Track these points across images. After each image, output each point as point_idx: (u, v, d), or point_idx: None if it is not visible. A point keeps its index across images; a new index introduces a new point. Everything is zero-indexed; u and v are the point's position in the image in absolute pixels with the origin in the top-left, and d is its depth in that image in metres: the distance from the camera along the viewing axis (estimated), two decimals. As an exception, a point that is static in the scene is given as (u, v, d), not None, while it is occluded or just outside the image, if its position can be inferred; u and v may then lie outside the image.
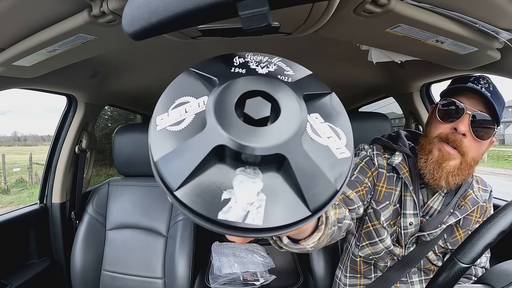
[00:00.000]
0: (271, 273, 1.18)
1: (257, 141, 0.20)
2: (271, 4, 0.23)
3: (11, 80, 0.84)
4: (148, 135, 0.22)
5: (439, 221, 0.72)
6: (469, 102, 0.66)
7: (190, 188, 0.20)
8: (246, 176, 0.20)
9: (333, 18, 0.57)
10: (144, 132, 1.26)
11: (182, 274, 1.11)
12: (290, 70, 0.26)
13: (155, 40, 0.32)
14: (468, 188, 0.74)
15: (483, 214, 0.76)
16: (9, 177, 8.87)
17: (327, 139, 0.23)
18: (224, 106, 0.21)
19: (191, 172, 0.19)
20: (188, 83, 0.24)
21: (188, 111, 0.22)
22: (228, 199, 0.19)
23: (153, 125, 0.22)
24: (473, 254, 0.41)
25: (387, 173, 0.75)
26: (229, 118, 0.21)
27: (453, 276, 0.42)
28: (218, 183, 0.20)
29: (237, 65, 0.25)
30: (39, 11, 0.57)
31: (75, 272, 1.17)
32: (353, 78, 1.03)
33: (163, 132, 0.21)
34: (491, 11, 0.55)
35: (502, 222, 0.41)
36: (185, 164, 0.19)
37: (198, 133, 0.20)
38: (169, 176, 0.20)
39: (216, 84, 0.23)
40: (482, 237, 0.41)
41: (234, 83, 0.23)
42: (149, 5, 0.24)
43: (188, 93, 0.23)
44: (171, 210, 1.22)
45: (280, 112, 0.22)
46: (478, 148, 0.67)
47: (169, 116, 0.22)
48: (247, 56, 0.26)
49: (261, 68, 0.25)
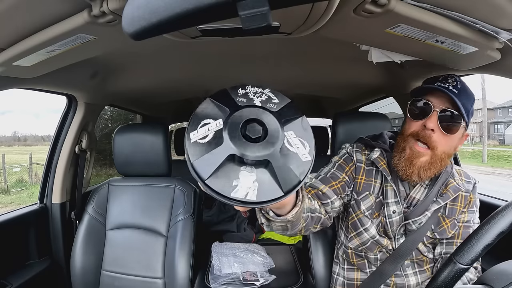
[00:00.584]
0: (271, 273, 1.18)
1: (253, 152, 0.34)
2: (271, 4, 0.23)
3: (11, 80, 0.84)
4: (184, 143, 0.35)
5: (422, 209, 0.78)
6: (437, 100, 0.72)
7: (214, 178, 0.34)
8: (246, 172, 0.35)
9: (333, 18, 0.57)
10: (144, 132, 1.26)
11: (182, 274, 1.11)
12: (276, 99, 0.40)
13: (155, 40, 0.32)
14: (448, 178, 0.79)
15: (468, 204, 0.80)
16: (9, 177, 8.86)
17: (297, 148, 0.37)
18: (233, 130, 0.35)
19: (215, 169, 0.33)
20: (209, 109, 0.37)
21: (210, 129, 0.35)
22: (236, 185, 0.34)
23: (188, 137, 0.35)
24: (472, 255, 0.41)
25: (366, 167, 0.83)
26: (237, 137, 0.34)
27: (452, 276, 0.42)
28: (230, 175, 0.34)
29: (240, 95, 0.39)
30: (39, 11, 0.57)
31: (75, 272, 1.17)
32: (353, 78, 1.03)
33: (195, 143, 0.35)
34: (491, 11, 0.55)
35: (501, 223, 0.41)
36: (211, 165, 0.33)
37: (218, 145, 0.34)
38: (202, 171, 0.33)
39: (227, 112, 0.36)
40: (481, 238, 0.41)
41: (239, 113, 0.36)
42: (149, 5, 0.24)
43: (209, 116, 0.36)
44: (171, 210, 1.22)
45: (268, 134, 0.35)
46: (448, 142, 0.73)
47: (198, 133, 0.35)
48: (247, 88, 0.40)
49: (256, 97, 0.39)
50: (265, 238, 1.94)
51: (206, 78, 1.43)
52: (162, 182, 1.27)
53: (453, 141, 0.74)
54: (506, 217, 0.41)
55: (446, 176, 0.79)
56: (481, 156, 15.05)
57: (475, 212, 0.81)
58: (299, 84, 1.59)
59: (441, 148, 0.72)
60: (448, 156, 0.75)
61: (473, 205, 0.81)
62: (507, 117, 20.86)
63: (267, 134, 0.36)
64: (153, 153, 1.24)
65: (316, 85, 1.61)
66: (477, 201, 0.82)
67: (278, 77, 1.48)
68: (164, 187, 1.26)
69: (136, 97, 1.66)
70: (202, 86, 1.59)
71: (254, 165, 0.35)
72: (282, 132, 0.36)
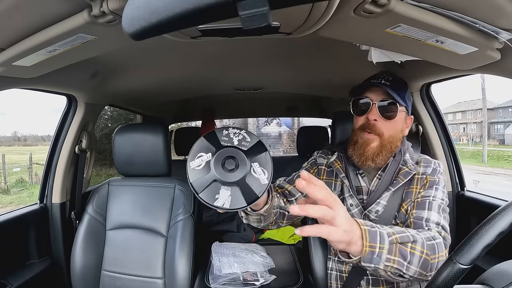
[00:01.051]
0: (271, 273, 1.18)
1: (228, 178, 0.53)
2: (271, 4, 0.23)
3: (11, 80, 0.84)
4: (186, 168, 0.55)
5: (375, 198, 0.85)
6: (374, 95, 0.84)
7: (204, 192, 0.53)
8: (224, 189, 0.53)
9: (333, 18, 0.57)
10: (144, 132, 1.26)
11: (182, 274, 1.11)
12: (249, 139, 0.57)
13: (155, 40, 0.32)
14: (399, 166, 0.86)
15: (424, 185, 0.84)
16: (9, 177, 8.85)
17: (259, 175, 0.54)
18: (217, 163, 0.54)
19: (205, 187, 0.52)
20: (202, 145, 0.56)
21: (202, 160, 0.54)
22: (217, 198, 0.53)
23: (188, 165, 0.54)
24: (472, 255, 0.41)
25: (327, 168, 0.95)
26: (219, 168, 0.53)
27: (452, 277, 0.42)
28: (214, 191, 0.53)
29: (224, 135, 0.57)
30: (39, 11, 0.57)
31: (75, 272, 1.17)
32: (353, 78, 1.03)
33: (193, 169, 0.54)
34: (491, 11, 0.55)
35: (501, 223, 0.41)
36: (203, 184, 0.52)
37: (207, 173, 0.53)
38: (197, 188, 0.53)
39: (213, 150, 0.55)
40: (481, 238, 0.41)
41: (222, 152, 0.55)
42: (149, 5, 0.24)
43: (202, 151, 0.55)
44: (171, 210, 1.22)
45: (239, 166, 0.54)
46: (392, 127, 0.84)
47: (195, 162, 0.54)
48: (229, 129, 0.58)
49: (235, 137, 0.56)
50: (265, 238, 1.94)
51: (206, 78, 1.43)
52: (162, 182, 1.27)
53: (397, 125, 0.85)
54: (506, 217, 0.41)
55: (396, 165, 0.86)
56: (481, 156, 15.06)
57: (437, 189, 0.83)
58: (299, 84, 1.60)
59: (387, 133, 0.83)
60: (396, 139, 0.85)
61: (431, 185, 0.83)
62: (507, 117, 20.85)
63: (238, 166, 0.54)
64: (153, 153, 1.24)
65: (316, 85, 1.61)
66: (439, 181, 0.84)
67: (278, 77, 1.48)
68: (164, 187, 1.26)
69: (136, 97, 1.66)
70: (202, 86, 1.59)
71: (229, 185, 0.54)
72: (249, 164, 0.54)
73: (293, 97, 1.87)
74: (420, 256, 0.65)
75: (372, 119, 0.83)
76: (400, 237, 0.64)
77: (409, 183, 0.85)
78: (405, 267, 0.63)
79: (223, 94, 1.83)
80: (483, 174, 10.93)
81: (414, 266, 0.64)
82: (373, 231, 0.61)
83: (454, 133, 22.05)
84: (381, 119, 0.83)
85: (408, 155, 0.88)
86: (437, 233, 0.73)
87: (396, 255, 0.62)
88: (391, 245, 0.62)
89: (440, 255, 0.68)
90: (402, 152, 0.87)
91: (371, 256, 0.59)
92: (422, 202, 0.81)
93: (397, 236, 0.63)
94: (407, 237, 0.65)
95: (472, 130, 21.61)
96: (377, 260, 0.60)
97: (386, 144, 0.83)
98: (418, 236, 0.67)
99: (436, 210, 0.79)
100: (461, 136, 21.90)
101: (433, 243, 0.69)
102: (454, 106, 24.94)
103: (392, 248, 0.62)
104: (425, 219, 0.78)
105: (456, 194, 1.30)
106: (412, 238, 0.65)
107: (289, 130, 10.89)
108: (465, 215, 1.25)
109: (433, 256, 0.67)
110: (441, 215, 0.79)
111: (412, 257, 0.64)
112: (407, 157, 0.87)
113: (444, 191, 0.84)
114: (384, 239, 0.61)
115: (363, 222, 0.61)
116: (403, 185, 0.85)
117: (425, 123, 1.29)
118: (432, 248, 0.68)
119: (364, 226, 0.60)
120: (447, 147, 1.29)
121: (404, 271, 0.63)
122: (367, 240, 0.58)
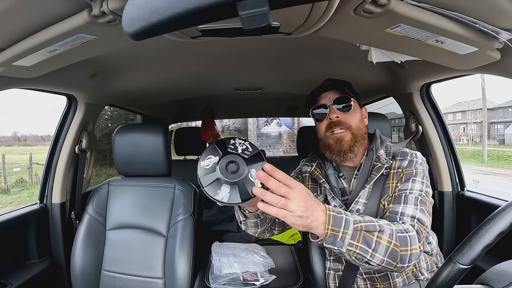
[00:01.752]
0: (271, 273, 1.18)
1: (229, 178, 0.63)
2: (271, 4, 0.23)
3: (11, 80, 0.84)
4: (197, 166, 0.65)
5: (354, 197, 0.88)
6: (326, 98, 0.92)
7: (209, 187, 0.64)
8: (224, 187, 0.63)
9: (333, 18, 0.57)
10: (144, 132, 1.26)
11: (182, 274, 1.11)
12: (250, 149, 0.66)
13: (155, 40, 0.32)
14: (372, 162, 0.89)
15: (400, 179, 0.85)
16: (9, 177, 8.85)
17: (254, 180, 0.63)
18: (222, 165, 0.64)
19: (209, 183, 0.64)
20: (212, 149, 0.66)
21: (211, 161, 0.64)
22: (218, 192, 0.63)
23: (199, 164, 0.65)
24: (472, 255, 0.41)
25: (311, 175, 1.00)
26: (223, 170, 0.63)
27: (452, 277, 0.42)
28: (216, 187, 0.64)
29: (231, 144, 0.66)
30: (39, 11, 0.57)
31: (75, 272, 1.17)
32: (353, 78, 1.03)
33: (202, 168, 0.65)
34: (491, 11, 0.55)
35: (500, 223, 0.41)
36: (208, 180, 0.64)
37: (213, 172, 0.64)
38: (203, 183, 0.64)
39: (220, 155, 0.64)
40: (481, 238, 0.41)
41: (227, 157, 0.64)
42: (149, 5, 0.24)
43: (212, 154, 0.65)
44: (171, 210, 1.22)
45: (239, 170, 0.63)
46: (354, 117, 0.90)
47: (205, 162, 0.65)
48: (236, 139, 0.67)
49: (240, 146, 0.65)
50: (265, 238, 1.94)
51: (206, 78, 1.43)
52: (162, 182, 1.27)
53: (357, 115, 0.91)
54: (506, 217, 0.41)
55: (369, 162, 0.89)
56: (481, 156, 15.04)
57: (414, 181, 0.83)
58: (299, 84, 1.59)
59: (353, 124, 0.89)
60: (362, 128, 0.91)
61: (408, 178, 0.84)
62: (507, 117, 20.83)
63: (238, 170, 0.64)
64: (153, 153, 1.24)
65: (316, 85, 1.61)
66: (416, 172, 0.84)
67: (278, 77, 1.48)
68: (164, 187, 1.26)
69: (136, 97, 1.66)
70: (202, 86, 1.59)
71: (229, 184, 0.63)
72: (247, 170, 0.64)
73: (293, 97, 1.87)
74: (387, 246, 0.68)
75: (334, 117, 0.89)
76: (366, 225, 0.68)
77: (386, 179, 0.87)
78: (369, 254, 0.67)
79: (223, 94, 1.83)
80: (483, 174, 10.93)
81: (380, 255, 0.67)
82: (338, 216, 0.66)
83: (454, 133, 22.02)
84: (342, 114, 0.89)
85: (383, 151, 0.91)
86: (410, 226, 0.74)
87: (359, 241, 0.66)
88: (356, 232, 0.66)
89: (413, 248, 0.70)
90: (374, 149, 0.89)
91: (333, 239, 0.65)
92: (398, 196, 0.81)
93: (362, 224, 0.68)
94: (373, 226, 0.68)
95: (472, 130, 21.59)
96: (340, 244, 0.65)
97: (357, 134, 0.88)
98: (387, 227, 0.69)
99: (412, 203, 0.79)
100: (461, 136, 21.89)
101: (405, 236, 0.70)
102: (454, 106, 24.92)
103: (356, 234, 0.66)
104: (399, 213, 0.78)
105: (456, 194, 1.29)
106: (379, 228, 0.68)
107: (289, 130, 10.89)
108: (465, 215, 1.25)
109: (404, 248, 0.69)
110: (418, 208, 0.79)
111: (377, 246, 0.67)
112: (381, 152, 0.90)
113: (424, 181, 0.84)
114: (349, 225, 0.66)
115: (331, 208, 0.67)
116: (379, 181, 0.86)
117: (425, 123, 1.29)
118: (404, 240, 0.70)
119: (330, 212, 0.66)
120: (447, 147, 1.30)
121: (368, 258, 0.67)
122: (330, 224, 0.65)
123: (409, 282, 0.85)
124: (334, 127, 0.88)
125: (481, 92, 16.55)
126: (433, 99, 1.29)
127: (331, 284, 0.96)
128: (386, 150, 0.91)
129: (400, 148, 0.92)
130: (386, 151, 0.91)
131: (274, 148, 10.72)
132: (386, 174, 0.87)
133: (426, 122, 1.28)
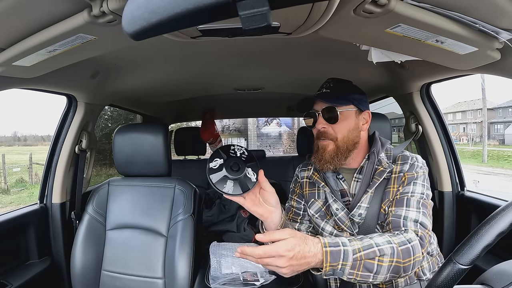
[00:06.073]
0: (271, 273, 1.18)
1: (233, 175, 0.77)
2: (271, 4, 0.23)
3: (11, 80, 0.84)
4: (206, 167, 0.77)
5: (357, 201, 0.87)
6: (318, 105, 0.90)
7: (217, 183, 0.76)
8: (230, 181, 0.77)
9: (333, 18, 0.57)
10: (144, 132, 1.26)
11: (182, 274, 1.11)
12: (246, 153, 0.80)
13: (155, 40, 0.32)
14: (374, 166, 0.88)
15: (402, 183, 0.85)
16: (9, 177, 8.85)
17: (251, 176, 0.78)
18: (227, 165, 0.77)
19: (218, 180, 0.77)
20: (217, 153, 0.79)
21: (217, 163, 0.78)
22: (225, 186, 0.77)
23: (208, 165, 0.77)
24: (472, 255, 0.41)
25: (309, 180, 1.00)
26: (228, 169, 0.77)
27: (452, 277, 0.41)
28: (223, 182, 0.77)
29: (232, 150, 0.80)
30: (39, 11, 0.57)
31: (75, 272, 1.17)
32: (353, 78, 1.03)
33: (211, 168, 0.77)
34: (491, 11, 0.55)
35: (500, 223, 0.41)
36: (217, 177, 0.77)
37: (220, 171, 0.77)
38: (213, 180, 0.77)
39: (225, 157, 0.79)
40: (481, 238, 0.41)
41: (230, 159, 0.78)
42: (149, 5, 0.24)
43: (218, 157, 0.79)
44: (171, 210, 1.22)
45: (240, 169, 0.77)
46: (341, 128, 0.87)
47: (213, 163, 0.78)
48: (235, 146, 0.81)
49: (238, 151, 0.80)
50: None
51: (206, 78, 1.43)
52: (162, 182, 1.27)
53: (347, 124, 0.88)
54: (506, 217, 0.41)
55: (371, 166, 0.88)
56: (481, 156, 15.05)
57: (416, 184, 0.83)
58: (299, 84, 1.59)
59: (340, 135, 0.87)
60: (352, 137, 0.88)
61: (410, 181, 0.84)
62: (507, 117, 20.84)
63: (239, 169, 0.77)
64: (153, 153, 1.24)
65: (316, 85, 1.60)
66: (417, 176, 0.84)
67: (278, 77, 1.48)
68: (164, 187, 1.26)
69: (136, 97, 1.66)
70: (202, 86, 1.59)
71: (233, 180, 0.76)
72: (245, 168, 0.77)
73: (293, 97, 1.87)
74: (389, 266, 0.68)
75: (321, 127, 0.89)
76: (366, 254, 0.68)
77: (387, 183, 0.87)
78: (371, 277, 0.68)
79: (223, 94, 1.83)
80: (483, 174, 10.93)
81: (383, 275, 0.68)
82: (335, 251, 0.67)
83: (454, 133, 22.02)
84: (328, 125, 0.88)
85: (383, 154, 0.90)
86: (413, 233, 0.74)
87: (360, 270, 0.67)
88: (355, 262, 0.67)
89: (416, 257, 0.71)
90: (376, 152, 0.89)
91: (332, 272, 0.67)
92: (400, 199, 0.82)
93: (362, 254, 0.67)
94: (374, 253, 0.68)
95: (472, 130, 21.59)
96: (340, 274, 0.67)
97: (341, 146, 0.87)
98: (388, 247, 0.69)
99: (414, 206, 0.79)
100: (461, 136, 21.89)
101: (407, 247, 0.71)
102: (454, 106, 24.92)
103: (356, 264, 0.67)
104: (403, 217, 0.78)
105: (456, 194, 1.30)
106: (379, 253, 0.68)
107: (289, 130, 10.89)
108: (465, 215, 1.25)
109: (407, 259, 0.70)
110: (420, 211, 0.79)
111: (379, 268, 0.68)
112: (382, 156, 0.89)
113: (425, 184, 0.84)
114: (348, 256, 0.67)
115: (328, 243, 0.68)
116: (381, 185, 0.86)
117: (425, 123, 1.29)
118: (407, 252, 0.70)
119: (326, 248, 0.66)
120: (447, 147, 1.30)
121: (371, 280, 0.69)
122: (327, 262, 0.66)
123: (411, 282, 0.85)
124: (321, 136, 0.90)
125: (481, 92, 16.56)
126: (433, 99, 1.30)
127: (332, 284, 0.96)
128: (386, 153, 0.91)
129: (401, 151, 0.92)
130: (387, 154, 0.91)
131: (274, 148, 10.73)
132: (387, 178, 0.87)
133: (426, 122, 1.29)
